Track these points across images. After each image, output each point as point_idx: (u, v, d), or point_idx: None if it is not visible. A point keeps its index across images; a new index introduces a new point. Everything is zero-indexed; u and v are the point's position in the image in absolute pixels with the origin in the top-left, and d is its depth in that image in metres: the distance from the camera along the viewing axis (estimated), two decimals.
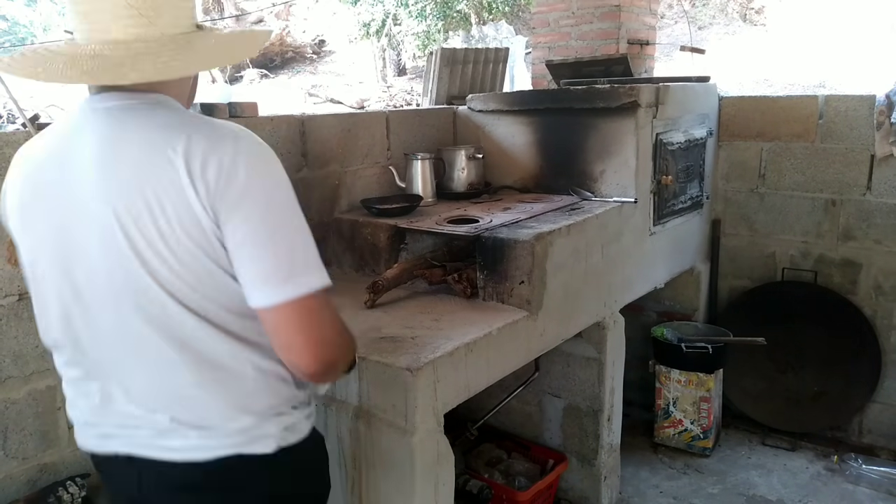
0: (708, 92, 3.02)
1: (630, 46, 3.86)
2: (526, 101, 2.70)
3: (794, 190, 3.04)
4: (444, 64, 3.25)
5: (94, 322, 1.06)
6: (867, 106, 2.82)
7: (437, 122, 2.90)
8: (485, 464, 2.53)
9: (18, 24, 15.02)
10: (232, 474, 1.08)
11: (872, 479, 2.70)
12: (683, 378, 2.90)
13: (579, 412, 2.49)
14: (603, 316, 2.38)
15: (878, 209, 2.86)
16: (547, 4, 4.08)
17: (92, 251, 1.01)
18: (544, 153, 2.67)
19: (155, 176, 0.96)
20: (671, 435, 2.97)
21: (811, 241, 3.03)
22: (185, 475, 1.07)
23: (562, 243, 2.08)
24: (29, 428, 1.75)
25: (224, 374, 1.05)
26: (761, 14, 11.72)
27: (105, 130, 1.01)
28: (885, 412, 2.93)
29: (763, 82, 9.81)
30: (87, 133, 1.02)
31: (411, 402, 1.58)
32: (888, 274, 2.87)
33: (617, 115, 2.43)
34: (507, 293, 2.00)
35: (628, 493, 2.69)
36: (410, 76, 12.96)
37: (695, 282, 3.16)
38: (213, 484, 1.09)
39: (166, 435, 1.06)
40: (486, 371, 1.81)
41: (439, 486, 1.68)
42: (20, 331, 1.71)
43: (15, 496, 1.72)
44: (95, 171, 1.00)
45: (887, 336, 2.90)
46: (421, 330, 1.80)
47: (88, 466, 1.86)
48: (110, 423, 1.10)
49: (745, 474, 2.79)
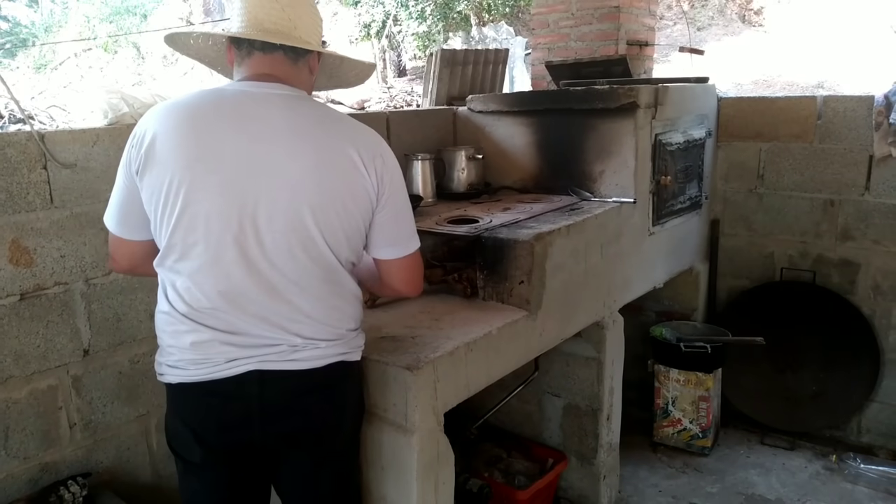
0: (707, 93, 3.02)
1: (629, 47, 3.87)
2: (525, 102, 2.71)
3: (793, 190, 3.04)
4: (444, 65, 3.26)
5: (262, 253, 1.30)
6: (866, 106, 2.83)
7: (437, 122, 2.91)
8: (485, 463, 2.53)
9: (20, 24, 15.04)
10: (337, 377, 1.43)
11: (871, 478, 2.71)
12: (682, 377, 2.91)
13: (579, 411, 2.50)
14: (602, 315, 2.38)
15: (876, 209, 2.86)
16: (546, 6, 4.08)
17: (280, 197, 1.28)
18: (544, 154, 2.68)
19: (335, 158, 1.32)
20: (670, 434, 2.98)
21: (810, 242, 3.04)
22: (303, 381, 1.37)
23: (561, 243, 2.08)
24: (30, 427, 1.76)
25: (341, 299, 1.41)
26: (760, 15, 11.72)
27: (287, 110, 1.32)
28: (883, 411, 2.93)
29: (762, 83, 9.82)
30: (268, 106, 1.31)
31: (411, 402, 1.59)
32: (886, 274, 2.88)
33: (616, 115, 2.44)
34: (506, 293, 2.01)
35: (627, 491, 2.69)
36: (410, 77, 12.96)
37: (694, 282, 3.16)
38: (324, 385, 1.41)
39: (298, 349, 1.35)
40: (486, 370, 1.82)
41: (439, 485, 1.68)
42: (21, 330, 1.72)
43: (16, 495, 1.73)
44: (287, 138, 1.29)
45: (886, 336, 2.91)
46: (421, 330, 1.81)
47: (89, 465, 1.87)
48: (245, 346, 1.33)
49: (744, 473, 2.80)
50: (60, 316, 1.79)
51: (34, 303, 1.73)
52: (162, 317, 1.38)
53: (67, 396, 1.82)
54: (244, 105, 1.31)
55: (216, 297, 1.31)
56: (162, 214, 1.30)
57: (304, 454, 1.47)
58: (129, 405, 1.95)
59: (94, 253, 1.83)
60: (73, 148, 1.76)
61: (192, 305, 1.33)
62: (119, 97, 1.87)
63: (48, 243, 1.74)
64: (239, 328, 1.33)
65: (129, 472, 1.97)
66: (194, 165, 1.27)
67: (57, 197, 1.74)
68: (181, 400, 1.41)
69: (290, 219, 1.29)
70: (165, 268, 1.35)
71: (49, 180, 1.73)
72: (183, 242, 1.30)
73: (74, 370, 1.83)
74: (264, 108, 1.31)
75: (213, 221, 1.28)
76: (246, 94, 1.33)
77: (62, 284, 1.78)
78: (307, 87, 1.43)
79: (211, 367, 1.34)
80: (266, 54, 1.35)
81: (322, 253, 1.33)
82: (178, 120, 1.30)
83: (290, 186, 1.29)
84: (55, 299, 1.77)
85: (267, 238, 1.29)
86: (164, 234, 1.32)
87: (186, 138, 1.28)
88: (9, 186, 1.66)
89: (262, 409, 1.37)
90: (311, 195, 1.30)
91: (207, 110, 1.31)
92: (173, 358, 1.37)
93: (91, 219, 1.81)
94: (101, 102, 1.86)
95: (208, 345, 1.33)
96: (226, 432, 1.40)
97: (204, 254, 1.30)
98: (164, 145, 1.28)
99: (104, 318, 1.87)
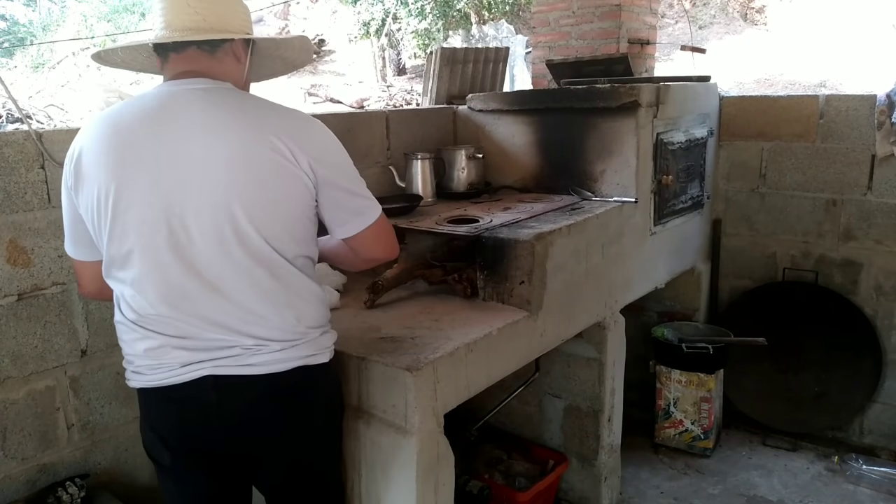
0: (708, 92, 3.01)
1: (630, 46, 3.86)
2: (526, 101, 2.69)
3: (795, 190, 3.03)
4: (444, 63, 3.25)
5: (196, 254, 1.27)
6: (868, 106, 2.81)
7: (437, 121, 2.89)
8: (485, 464, 2.52)
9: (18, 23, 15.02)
10: (301, 382, 1.38)
11: (873, 479, 2.70)
12: (684, 378, 2.90)
13: (580, 412, 2.49)
14: (603, 316, 2.37)
15: (878, 209, 2.85)
16: (547, 4, 4.07)
17: (203, 193, 1.25)
18: (544, 153, 2.67)
19: (260, 149, 1.26)
20: (672, 435, 2.97)
21: (812, 241, 3.03)
22: (263, 387, 1.34)
23: (562, 243, 2.07)
24: (28, 428, 1.75)
25: (296, 297, 1.35)
26: (762, 13, 11.71)
27: (204, 103, 1.29)
28: (885, 412, 2.92)
29: (764, 82, 9.80)
30: (184, 103, 1.28)
31: (411, 403, 1.58)
32: (889, 274, 2.87)
33: (617, 114, 2.43)
34: (507, 293, 1.99)
35: (629, 493, 2.68)
36: (410, 76, 12.95)
37: (695, 282, 3.15)
38: (286, 391, 1.37)
39: (253, 352, 1.31)
40: (487, 371, 1.81)
41: (439, 487, 1.67)
42: (19, 331, 1.71)
43: (14, 496, 1.72)
44: (205, 132, 1.26)
45: (888, 336, 2.90)
46: (421, 330, 1.80)
47: (87, 466, 1.86)
48: (197, 349, 1.31)
49: (746, 475, 2.79)
50: (58, 316, 1.78)
51: (32, 303, 1.72)
52: (118, 326, 1.39)
53: (65, 397, 1.81)
54: (163, 106, 1.29)
55: (159, 302, 1.29)
56: (98, 227, 1.30)
57: (273, 461, 1.44)
58: (127, 406, 1.94)
59: None
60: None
61: (140, 313, 1.32)
62: (117, 96, 1.87)
63: (46, 243, 1.73)
64: (187, 332, 1.30)
65: (127, 474, 1.96)
66: (118, 174, 1.26)
67: (55, 196, 1.73)
68: (146, 404, 1.42)
69: (219, 215, 1.26)
70: (112, 279, 1.35)
71: (47, 180, 1.72)
72: (119, 252, 1.29)
73: (72, 371, 1.82)
74: (183, 106, 1.29)
75: (143, 227, 1.26)
76: (165, 95, 1.31)
77: (60, 285, 1.77)
78: (236, 76, 1.39)
79: (166, 371, 1.32)
80: (180, 53, 1.34)
81: (260, 249, 1.29)
82: (101, 131, 1.29)
83: (214, 182, 1.25)
84: (53, 299, 1.76)
85: (198, 238, 1.26)
86: (103, 247, 1.32)
87: (109, 147, 1.27)
88: (6, 186, 1.65)
89: (221, 418, 1.34)
90: (238, 190, 1.26)
91: (129, 118, 1.30)
92: (133, 364, 1.37)
93: None
94: (99, 101, 1.86)
95: (161, 350, 1.32)
96: (187, 439, 1.39)
97: (140, 261, 1.28)
98: (88, 158, 1.28)
99: (102, 318, 1.86)
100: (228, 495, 1.49)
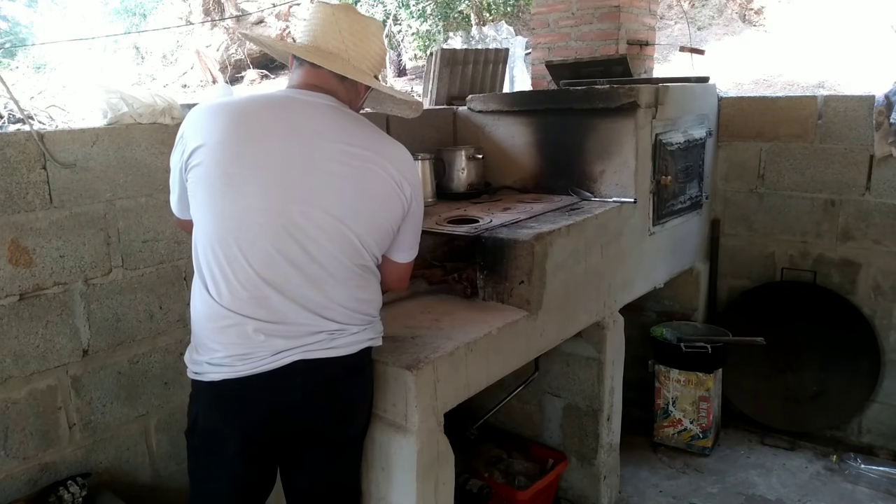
0: (707, 92, 3.02)
1: (629, 47, 3.87)
2: (526, 102, 2.70)
3: (794, 190, 3.04)
4: (444, 64, 3.25)
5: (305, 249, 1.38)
6: (866, 106, 2.82)
7: (437, 122, 2.90)
8: (485, 463, 2.53)
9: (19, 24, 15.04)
10: (362, 362, 1.54)
11: (871, 478, 2.70)
12: (683, 378, 2.90)
13: (579, 412, 2.50)
14: (602, 316, 2.38)
15: (877, 209, 2.86)
16: (547, 5, 4.08)
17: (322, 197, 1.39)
18: (544, 153, 2.68)
19: (375, 170, 1.43)
20: (670, 434, 2.98)
21: (810, 241, 3.04)
22: (337, 367, 1.47)
23: (561, 243, 2.08)
24: (29, 428, 1.75)
25: (374, 290, 1.54)
26: (760, 15, 11.71)
27: (328, 118, 1.44)
28: (884, 412, 2.93)
29: (762, 83, 9.81)
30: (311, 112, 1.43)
31: (411, 402, 1.59)
32: (887, 274, 2.88)
33: (616, 115, 2.43)
34: (506, 293, 2.00)
35: (628, 492, 2.69)
36: (410, 76, 12.95)
37: (694, 282, 3.16)
38: (354, 370, 1.53)
39: (335, 337, 1.45)
40: (486, 371, 1.82)
41: (439, 486, 1.68)
42: (21, 331, 1.71)
43: (16, 496, 1.73)
44: (332, 142, 1.41)
45: (886, 336, 2.91)
46: (421, 330, 1.81)
47: (89, 466, 1.87)
48: (290, 336, 1.41)
49: (745, 474, 2.80)
50: (60, 316, 1.78)
51: (33, 303, 1.73)
52: (201, 311, 1.42)
53: (67, 397, 1.82)
54: (293, 109, 1.43)
55: (262, 285, 1.38)
56: (211, 204, 1.38)
57: (324, 442, 1.56)
58: (129, 405, 1.95)
59: (94, 253, 1.83)
60: (73, 148, 1.76)
61: (236, 296, 1.38)
62: (118, 97, 1.87)
63: (47, 243, 1.74)
64: (283, 316, 1.40)
65: (128, 473, 1.97)
66: (243, 160, 1.36)
67: (56, 197, 1.74)
68: (222, 396, 1.44)
69: (331, 219, 1.39)
70: (211, 257, 1.40)
71: (48, 180, 1.73)
72: (230, 233, 1.37)
73: (74, 370, 1.83)
74: (311, 114, 1.43)
75: (257, 214, 1.36)
76: (294, 100, 1.45)
77: (61, 284, 1.78)
78: (353, 104, 1.55)
79: (257, 361, 1.40)
80: (315, 68, 1.48)
81: (357, 251, 1.44)
82: (227, 117, 1.39)
83: (333, 189, 1.39)
84: (54, 299, 1.77)
85: (308, 234, 1.38)
86: (211, 224, 1.39)
87: (235, 134, 1.37)
88: (8, 186, 1.66)
89: (305, 396, 1.45)
90: (352, 200, 1.41)
91: (258, 109, 1.42)
92: (218, 355, 1.41)
93: (90, 218, 1.81)
94: (101, 102, 1.86)
95: (254, 336, 1.39)
96: (270, 423, 1.47)
97: (247, 245, 1.37)
98: (212, 142, 1.37)
99: (103, 318, 1.86)
100: (263, 480, 1.58)
